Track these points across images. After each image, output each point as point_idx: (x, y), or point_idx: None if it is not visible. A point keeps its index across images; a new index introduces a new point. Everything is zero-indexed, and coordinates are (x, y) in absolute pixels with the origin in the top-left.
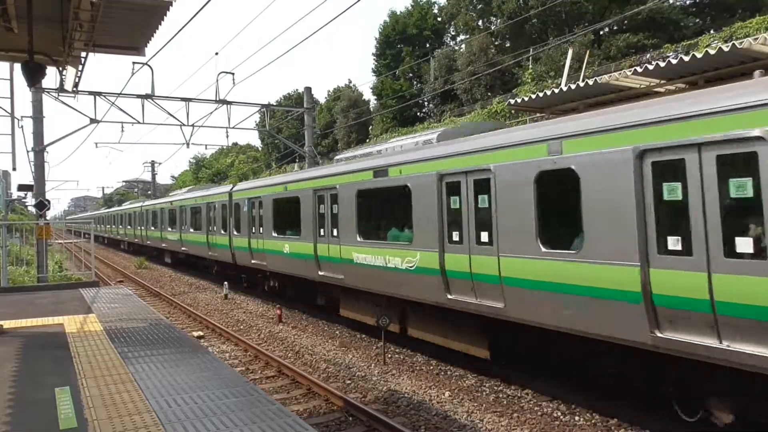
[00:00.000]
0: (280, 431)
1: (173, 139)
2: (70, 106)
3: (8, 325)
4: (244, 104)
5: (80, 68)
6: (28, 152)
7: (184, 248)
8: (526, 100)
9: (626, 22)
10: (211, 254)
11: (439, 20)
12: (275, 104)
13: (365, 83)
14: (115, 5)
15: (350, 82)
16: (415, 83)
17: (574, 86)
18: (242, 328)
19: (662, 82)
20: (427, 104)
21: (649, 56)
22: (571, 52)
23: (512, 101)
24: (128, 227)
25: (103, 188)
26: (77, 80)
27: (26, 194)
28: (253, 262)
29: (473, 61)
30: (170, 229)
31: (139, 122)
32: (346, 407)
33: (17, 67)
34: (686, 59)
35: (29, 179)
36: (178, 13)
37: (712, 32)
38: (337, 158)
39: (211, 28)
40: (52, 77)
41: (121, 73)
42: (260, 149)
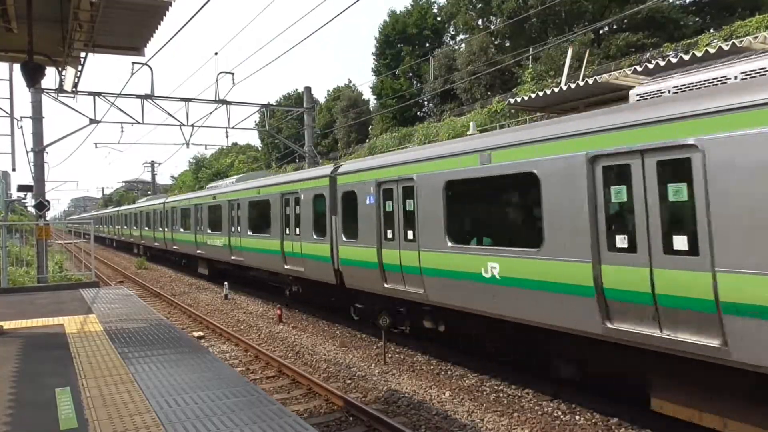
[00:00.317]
0: (280, 431)
1: (173, 139)
2: (69, 106)
3: (8, 325)
4: (243, 104)
5: (80, 68)
6: (27, 153)
7: (235, 257)
8: (525, 99)
9: (626, 21)
10: (289, 268)
11: (438, 20)
12: (275, 104)
13: (365, 83)
14: (114, 5)
15: (350, 81)
16: (414, 83)
17: (573, 85)
18: (242, 328)
19: None
20: (426, 104)
21: (648, 55)
22: (570, 51)
23: (512, 101)
24: (145, 228)
25: (102, 188)
26: (77, 80)
27: (26, 195)
28: (405, 289)
29: (473, 60)
30: (211, 231)
31: (138, 122)
32: (346, 407)
33: (17, 67)
34: (686, 58)
35: (29, 180)
36: (177, 13)
37: (711, 31)
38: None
39: (210, 28)
40: (51, 77)
41: (120, 73)
42: (260, 149)
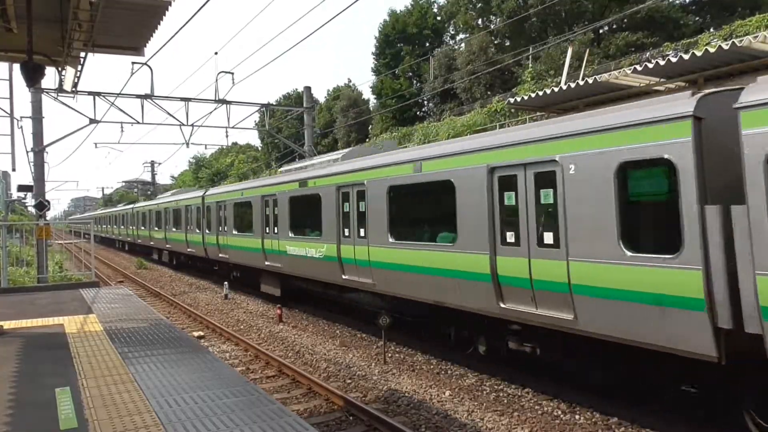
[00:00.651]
0: (280, 431)
1: (173, 139)
2: (69, 106)
3: (8, 325)
4: (243, 104)
5: (79, 68)
6: (27, 153)
7: (348, 276)
8: (525, 99)
9: (626, 20)
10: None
11: (438, 19)
12: (275, 104)
13: (365, 82)
14: (114, 5)
15: (350, 81)
16: (414, 82)
17: (573, 85)
18: (242, 327)
19: (662, 80)
20: (426, 103)
21: (648, 55)
22: (570, 50)
23: (512, 100)
24: (173, 230)
25: (102, 188)
26: (76, 80)
27: (26, 195)
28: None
29: (473, 60)
30: (296, 235)
31: (138, 122)
32: (346, 407)
33: (16, 67)
34: (686, 57)
35: (29, 180)
36: (177, 12)
37: (711, 30)
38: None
39: (210, 27)
40: (51, 77)
41: (120, 73)
42: (260, 149)
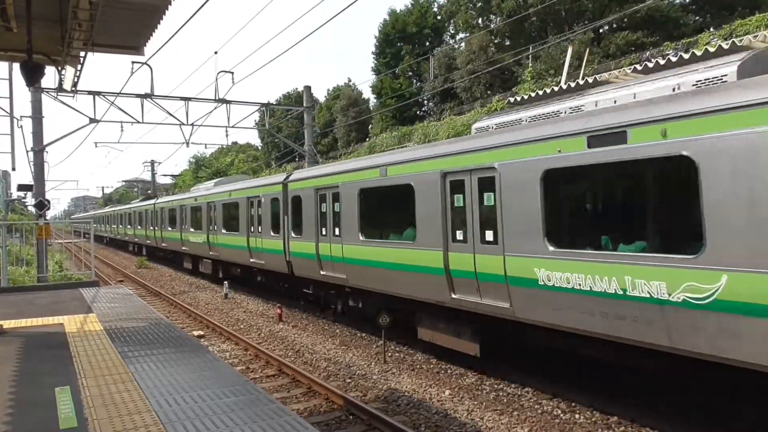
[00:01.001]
0: (280, 430)
1: (173, 138)
2: (69, 105)
3: (8, 325)
4: (243, 103)
5: (79, 68)
6: (27, 152)
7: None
8: (525, 98)
9: (626, 20)
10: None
11: (438, 18)
12: (275, 103)
13: (365, 82)
14: (113, 5)
15: (350, 80)
16: (414, 82)
17: (573, 84)
18: (242, 327)
19: None
20: (426, 103)
21: (648, 54)
22: (570, 50)
23: (512, 100)
24: (224, 232)
25: (102, 188)
26: (76, 80)
27: (26, 194)
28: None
29: (473, 59)
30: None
31: (138, 122)
32: (346, 406)
33: (16, 66)
34: (686, 57)
35: (29, 179)
36: (177, 12)
37: (711, 30)
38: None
39: (210, 27)
40: (51, 77)
41: (120, 72)
42: (260, 148)
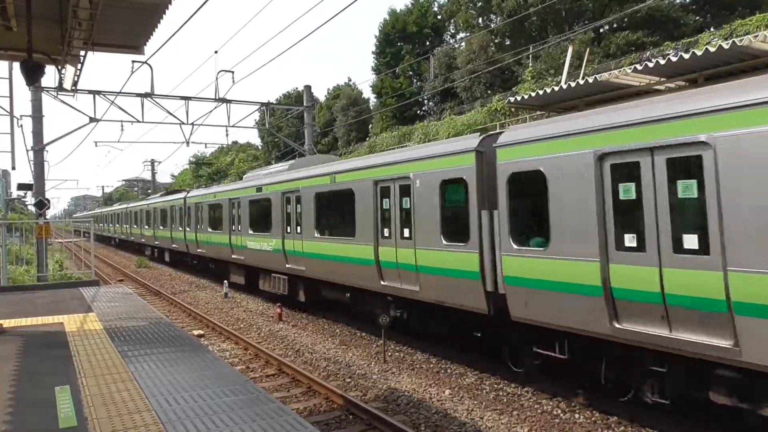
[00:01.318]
0: (280, 429)
1: (173, 137)
2: (69, 104)
3: (8, 324)
4: (243, 102)
5: (79, 67)
6: (27, 151)
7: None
8: (525, 98)
9: (626, 19)
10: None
11: (439, 18)
12: (275, 103)
13: (365, 81)
14: (114, 4)
15: (350, 80)
16: (415, 81)
17: (574, 84)
18: (242, 326)
19: (662, 80)
20: (426, 102)
21: (649, 54)
22: (571, 50)
23: (512, 99)
24: (340, 234)
25: (102, 187)
26: (76, 79)
27: (26, 193)
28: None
29: (473, 59)
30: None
31: (138, 121)
32: (346, 405)
33: (16, 65)
34: (686, 57)
35: (29, 178)
36: (177, 11)
37: (711, 30)
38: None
39: (210, 26)
40: (51, 76)
41: (120, 71)
42: (260, 148)
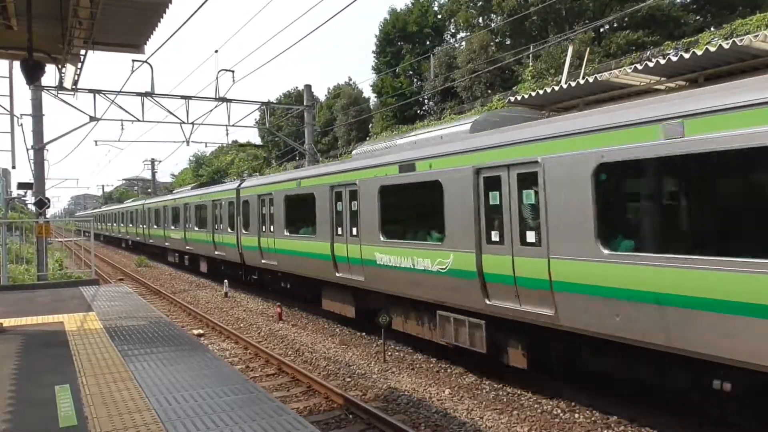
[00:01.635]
0: (280, 429)
1: (173, 136)
2: (69, 104)
3: (8, 323)
4: (244, 102)
5: (79, 66)
6: (27, 150)
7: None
8: (526, 97)
9: (626, 19)
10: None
11: (439, 17)
12: (275, 102)
13: (365, 81)
14: (114, 3)
15: (350, 79)
16: (415, 81)
17: (574, 84)
18: (242, 326)
19: (662, 79)
20: (427, 102)
21: (649, 53)
22: (571, 49)
23: (512, 99)
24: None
25: (103, 186)
26: (77, 78)
27: (26, 192)
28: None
29: (473, 58)
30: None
31: (138, 120)
32: (346, 405)
33: (16, 64)
34: (686, 56)
35: (29, 177)
36: (177, 10)
37: (712, 29)
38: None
39: (210, 25)
40: (51, 75)
41: (120, 70)
42: (257, 148)
